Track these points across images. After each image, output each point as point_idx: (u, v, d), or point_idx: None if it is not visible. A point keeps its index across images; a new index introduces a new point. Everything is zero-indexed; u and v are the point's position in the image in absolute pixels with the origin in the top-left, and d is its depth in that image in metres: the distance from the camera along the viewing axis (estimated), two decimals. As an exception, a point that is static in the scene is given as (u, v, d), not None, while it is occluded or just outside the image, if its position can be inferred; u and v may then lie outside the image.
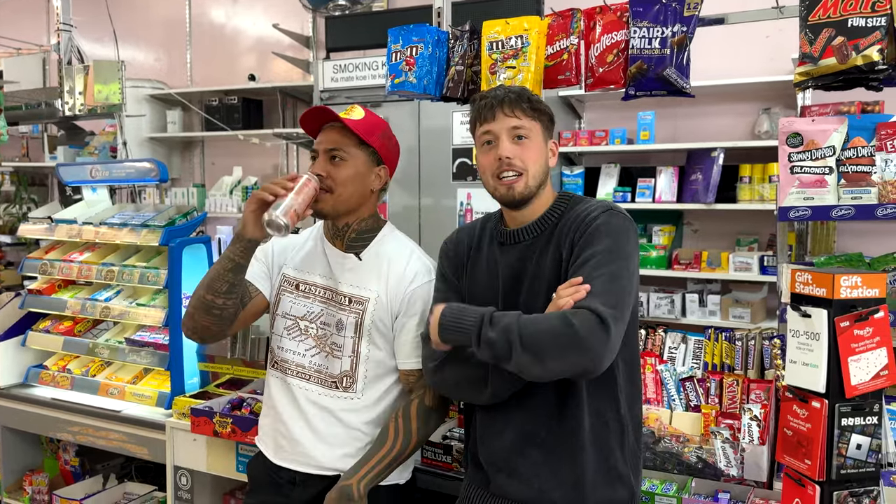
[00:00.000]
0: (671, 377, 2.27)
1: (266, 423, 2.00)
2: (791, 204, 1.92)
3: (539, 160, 1.65)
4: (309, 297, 1.93)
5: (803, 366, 1.50)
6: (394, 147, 1.96)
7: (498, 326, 1.49)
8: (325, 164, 1.84)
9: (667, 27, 2.04)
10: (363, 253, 1.91)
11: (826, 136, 1.89)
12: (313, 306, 1.92)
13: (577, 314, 1.45)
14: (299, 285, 1.94)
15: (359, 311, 1.87)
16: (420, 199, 4.09)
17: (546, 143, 1.68)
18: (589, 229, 1.58)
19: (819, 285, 1.47)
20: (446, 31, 2.39)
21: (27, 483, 3.30)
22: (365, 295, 1.88)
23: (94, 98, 3.54)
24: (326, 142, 1.85)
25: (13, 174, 6.25)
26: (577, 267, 1.55)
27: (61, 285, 3.33)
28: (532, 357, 1.45)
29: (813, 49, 1.81)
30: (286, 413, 1.92)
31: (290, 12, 5.30)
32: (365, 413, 1.89)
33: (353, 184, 1.85)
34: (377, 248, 1.92)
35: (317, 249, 1.96)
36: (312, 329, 1.91)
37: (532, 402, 1.64)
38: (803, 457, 1.49)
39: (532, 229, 1.68)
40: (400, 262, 1.90)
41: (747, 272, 3.97)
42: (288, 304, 1.94)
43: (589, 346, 1.43)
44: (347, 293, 1.89)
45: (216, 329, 1.84)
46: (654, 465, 2.05)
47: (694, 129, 4.38)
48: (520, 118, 1.63)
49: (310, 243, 1.99)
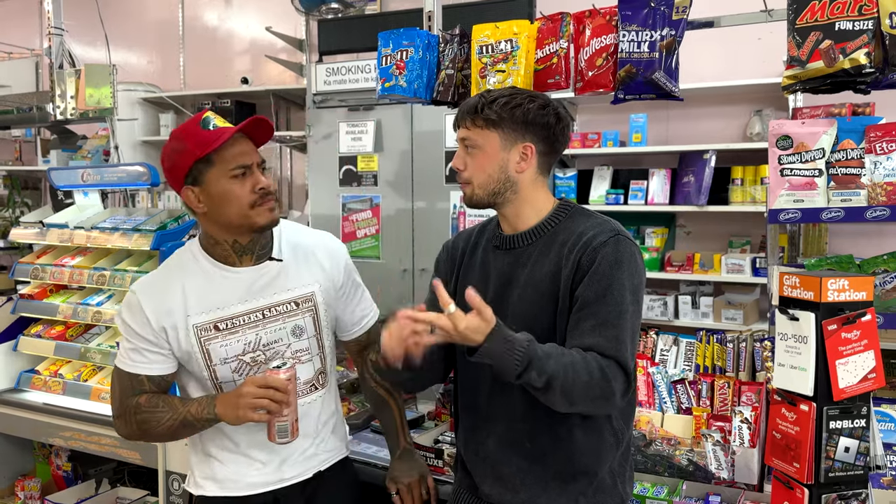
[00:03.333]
0: (663, 380, 2.27)
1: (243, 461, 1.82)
2: (781, 206, 1.92)
3: (487, 169, 1.64)
4: (236, 331, 1.75)
5: (791, 369, 1.51)
6: None
7: (544, 374, 1.45)
8: (261, 176, 1.72)
9: (655, 31, 2.05)
10: (276, 253, 1.81)
11: (816, 138, 1.89)
12: (246, 337, 1.76)
13: (610, 367, 1.50)
14: (218, 325, 1.74)
15: (311, 307, 1.82)
16: (413, 203, 4.09)
17: (508, 151, 1.64)
18: (599, 257, 1.57)
19: (807, 288, 1.47)
20: (436, 35, 2.40)
21: (19, 488, 3.29)
22: (308, 290, 1.82)
23: (85, 102, 3.54)
24: (252, 151, 1.72)
25: (6, 178, 6.22)
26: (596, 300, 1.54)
27: (53, 290, 3.32)
28: (563, 399, 1.49)
29: (801, 52, 1.81)
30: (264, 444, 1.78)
31: (283, 15, 5.29)
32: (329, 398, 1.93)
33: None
34: (287, 242, 1.84)
35: (215, 281, 1.75)
36: (259, 356, 1.77)
37: (516, 411, 1.63)
38: (792, 460, 1.49)
39: (528, 236, 1.67)
40: (320, 242, 1.89)
41: (739, 274, 3.98)
42: (220, 349, 1.74)
43: (615, 397, 1.51)
44: (290, 298, 1.80)
45: None
46: (646, 468, 2.05)
47: (686, 132, 4.38)
48: (469, 129, 1.65)
49: (200, 279, 1.75)
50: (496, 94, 1.65)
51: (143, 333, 1.73)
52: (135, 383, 1.75)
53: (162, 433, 1.74)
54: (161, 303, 1.73)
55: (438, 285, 1.48)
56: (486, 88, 2.13)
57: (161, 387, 1.78)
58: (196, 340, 1.73)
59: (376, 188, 4.18)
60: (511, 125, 1.62)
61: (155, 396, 1.75)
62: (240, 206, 1.68)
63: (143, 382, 1.75)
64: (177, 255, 1.82)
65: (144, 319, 1.72)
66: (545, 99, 1.66)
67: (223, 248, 1.76)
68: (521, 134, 1.63)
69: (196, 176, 1.69)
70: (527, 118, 1.62)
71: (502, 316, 1.61)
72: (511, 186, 1.65)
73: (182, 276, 1.76)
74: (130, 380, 1.75)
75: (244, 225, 1.71)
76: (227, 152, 1.67)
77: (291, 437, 1.69)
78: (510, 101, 1.62)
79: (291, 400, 1.66)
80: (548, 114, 1.63)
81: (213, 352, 1.74)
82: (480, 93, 1.69)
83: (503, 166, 1.64)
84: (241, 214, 1.69)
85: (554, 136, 1.66)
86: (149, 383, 1.76)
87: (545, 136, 1.65)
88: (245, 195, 1.68)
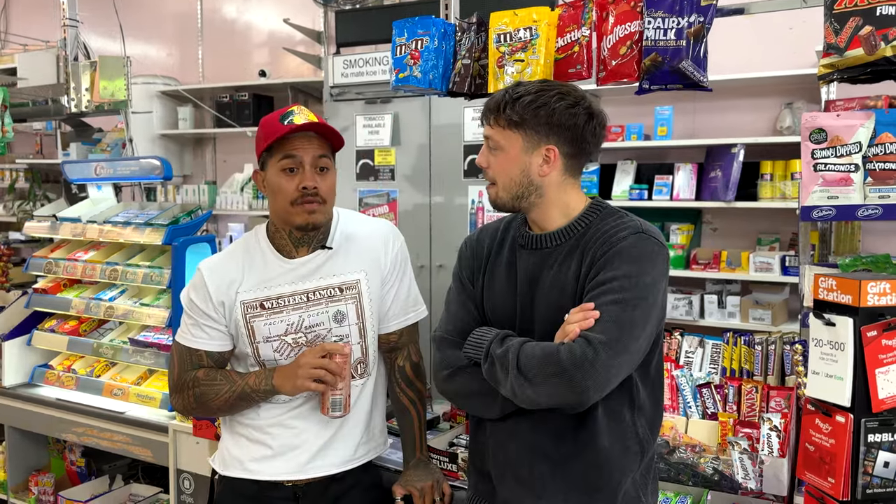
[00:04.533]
0: (687, 383, 2.19)
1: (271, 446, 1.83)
2: (814, 203, 1.84)
3: (510, 172, 1.58)
4: (280, 310, 1.80)
5: (827, 377, 1.42)
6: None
7: (504, 345, 1.51)
8: (314, 177, 1.75)
9: (683, 17, 1.95)
10: (329, 241, 1.84)
11: (852, 131, 1.81)
12: (289, 317, 1.80)
13: (571, 343, 1.43)
14: (264, 304, 1.80)
15: (354, 295, 1.83)
16: (431, 197, 4.02)
17: (530, 154, 1.56)
18: (612, 250, 1.50)
19: (844, 292, 1.38)
20: (453, 24, 2.32)
21: (33, 483, 3.28)
22: (354, 278, 1.83)
23: (99, 94, 3.51)
24: (313, 150, 1.75)
25: (27, 171, 6.26)
26: (591, 289, 1.49)
27: (67, 284, 3.30)
28: (524, 380, 1.45)
29: (838, 39, 1.71)
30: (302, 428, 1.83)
31: (301, 7, 5.25)
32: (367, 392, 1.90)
33: (334, 191, 1.82)
34: (342, 231, 1.87)
35: (269, 266, 1.82)
36: (301, 338, 1.81)
37: (541, 416, 1.56)
38: (826, 474, 1.40)
39: (556, 236, 1.60)
40: (371, 231, 1.89)
41: (768, 273, 3.89)
42: (264, 327, 1.80)
43: (571, 376, 1.41)
44: (335, 283, 1.82)
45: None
46: (668, 477, 1.97)
47: (713, 125, 4.29)
48: (492, 127, 1.60)
49: (258, 262, 1.83)
50: (522, 91, 1.56)
51: (204, 309, 1.80)
52: (194, 358, 1.82)
53: (219, 406, 1.80)
54: (222, 279, 1.81)
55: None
56: (511, 82, 2.05)
57: (219, 363, 1.84)
58: (242, 316, 1.79)
59: (393, 182, 4.12)
60: (534, 126, 1.54)
61: (213, 370, 1.82)
62: (284, 200, 1.74)
63: (202, 358, 1.82)
64: (245, 236, 1.91)
65: (206, 294, 1.80)
66: (576, 96, 1.56)
67: (282, 236, 1.82)
68: (544, 136, 1.55)
69: (263, 162, 1.79)
70: (551, 119, 1.53)
71: (529, 318, 1.60)
72: (535, 190, 1.58)
73: (243, 256, 1.84)
74: (190, 355, 1.82)
75: (286, 220, 1.77)
76: (285, 146, 1.73)
77: (344, 411, 1.75)
78: (535, 99, 1.54)
79: (346, 374, 1.73)
80: (576, 113, 1.54)
81: (258, 329, 1.80)
82: (508, 87, 1.61)
83: (525, 170, 1.57)
84: (284, 209, 1.75)
85: (582, 136, 1.56)
86: (207, 359, 1.83)
87: (571, 138, 1.56)
88: (289, 191, 1.73)
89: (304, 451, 1.82)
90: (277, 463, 1.82)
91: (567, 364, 1.40)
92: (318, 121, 1.76)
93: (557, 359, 1.42)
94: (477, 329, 1.63)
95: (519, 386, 1.46)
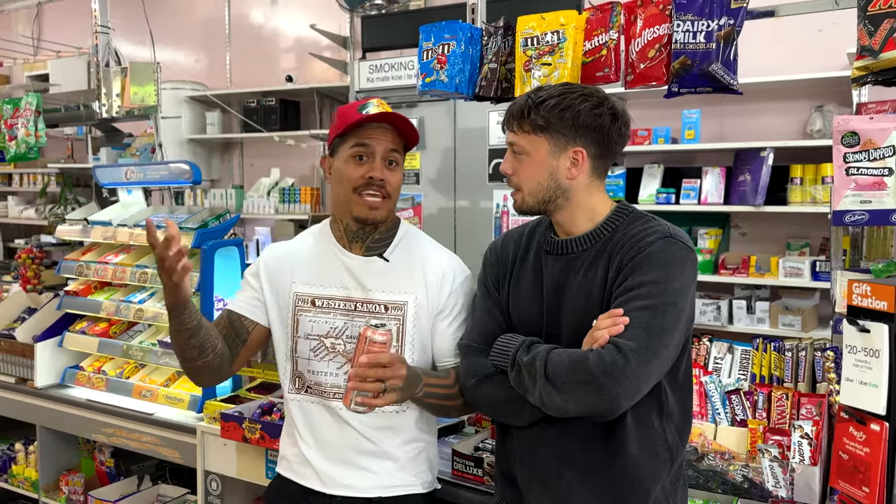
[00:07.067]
0: (716, 389, 2.16)
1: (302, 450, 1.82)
2: (846, 208, 1.81)
3: (537, 177, 1.57)
4: (329, 312, 1.79)
5: (861, 385, 1.39)
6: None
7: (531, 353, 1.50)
8: (383, 169, 1.73)
9: (713, 20, 1.94)
10: (387, 253, 1.81)
11: (885, 135, 1.77)
12: (335, 321, 1.78)
13: (600, 350, 1.42)
14: (315, 301, 1.80)
15: (398, 317, 1.76)
16: (455, 201, 4.03)
17: (557, 157, 1.56)
18: (640, 255, 1.49)
19: (879, 298, 1.36)
20: (479, 28, 2.32)
21: (63, 483, 3.32)
22: (402, 299, 1.77)
23: (130, 100, 3.56)
24: (386, 142, 1.74)
25: (58, 175, 6.37)
26: (620, 295, 1.48)
27: (97, 287, 3.35)
28: (552, 388, 1.44)
29: (873, 41, 1.69)
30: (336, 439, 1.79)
31: (327, 12, 5.29)
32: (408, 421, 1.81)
33: (400, 190, 1.81)
34: (404, 247, 1.82)
35: (327, 257, 1.82)
36: (339, 345, 1.78)
37: (568, 422, 1.54)
38: (860, 483, 1.38)
39: (582, 241, 1.59)
40: (435, 260, 1.82)
41: (798, 278, 3.84)
42: (308, 324, 1.80)
43: (601, 384, 1.39)
44: (382, 300, 1.77)
45: (217, 377, 1.88)
46: (697, 484, 1.94)
47: (742, 128, 4.25)
48: (516, 133, 1.59)
49: (316, 252, 1.84)
50: (544, 95, 1.55)
51: (251, 280, 1.86)
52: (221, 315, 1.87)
53: (182, 364, 1.81)
54: (277, 261, 1.85)
55: None
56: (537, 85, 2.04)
57: (233, 325, 1.84)
58: (292, 306, 1.81)
59: (418, 186, 4.13)
60: (560, 129, 1.54)
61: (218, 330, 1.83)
62: (347, 187, 1.73)
63: (223, 316, 1.86)
64: (313, 227, 1.92)
65: (257, 270, 1.86)
66: (599, 96, 1.56)
67: (339, 228, 1.82)
68: (571, 138, 1.54)
69: (334, 148, 1.79)
70: (577, 121, 1.53)
71: (556, 324, 1.58)
72: (563, 194, 1.58)
73: (304, 245, 1.87)
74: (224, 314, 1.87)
75: (346, 209, 1.76)
76: (360, 133, 1.73)
77: (367, 408, 1.63)
78: (559, 102, 1.53)
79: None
80: (601, 114, 1.54)
81: (302, 323, 1.80)
82: (529, 92, 1.60)
83: (553, 173, 1.56)
84: (346, 196, 1.74)
85: (608, 137, 1.56)
86: (227, 318, 1.85)
87: (598, 139, 1.55)
88: (354, 178, 1.72)
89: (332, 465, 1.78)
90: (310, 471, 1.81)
91: (597, 371, 1.39)
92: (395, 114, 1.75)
93: (587, 366, 1.40)
94: (502, 336, 1.62)
95: (547, 394, 1.45)
